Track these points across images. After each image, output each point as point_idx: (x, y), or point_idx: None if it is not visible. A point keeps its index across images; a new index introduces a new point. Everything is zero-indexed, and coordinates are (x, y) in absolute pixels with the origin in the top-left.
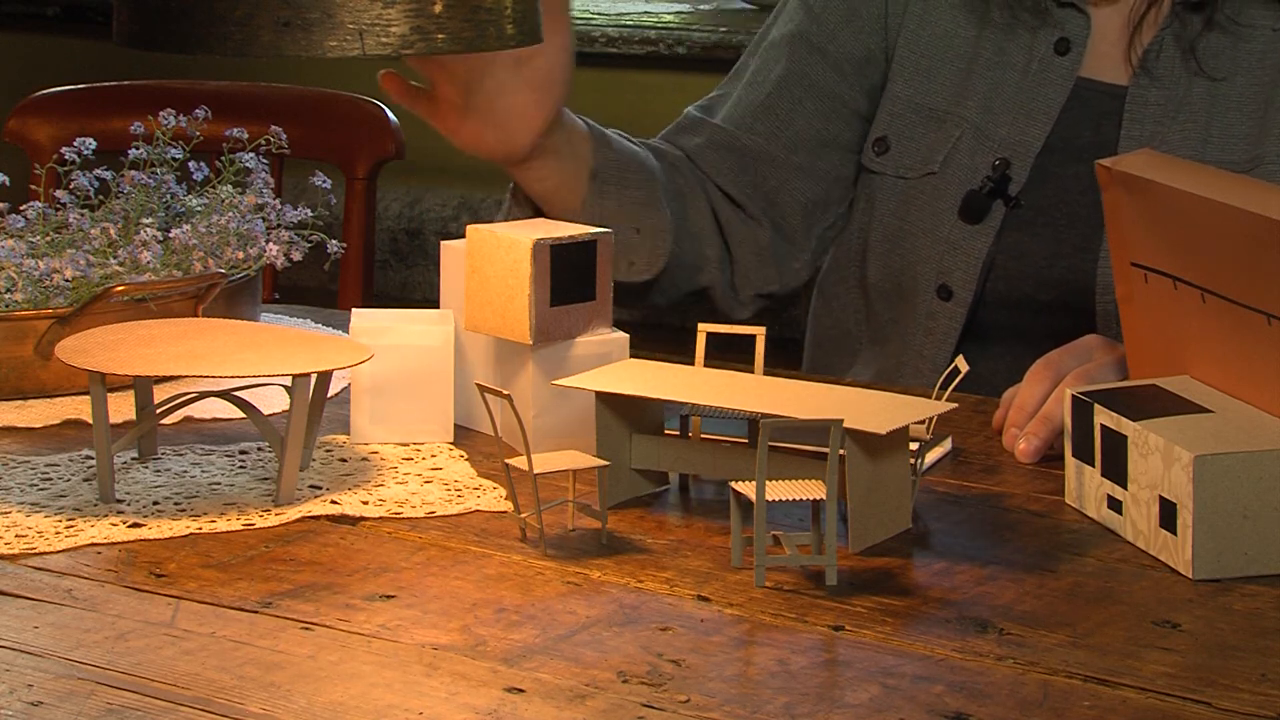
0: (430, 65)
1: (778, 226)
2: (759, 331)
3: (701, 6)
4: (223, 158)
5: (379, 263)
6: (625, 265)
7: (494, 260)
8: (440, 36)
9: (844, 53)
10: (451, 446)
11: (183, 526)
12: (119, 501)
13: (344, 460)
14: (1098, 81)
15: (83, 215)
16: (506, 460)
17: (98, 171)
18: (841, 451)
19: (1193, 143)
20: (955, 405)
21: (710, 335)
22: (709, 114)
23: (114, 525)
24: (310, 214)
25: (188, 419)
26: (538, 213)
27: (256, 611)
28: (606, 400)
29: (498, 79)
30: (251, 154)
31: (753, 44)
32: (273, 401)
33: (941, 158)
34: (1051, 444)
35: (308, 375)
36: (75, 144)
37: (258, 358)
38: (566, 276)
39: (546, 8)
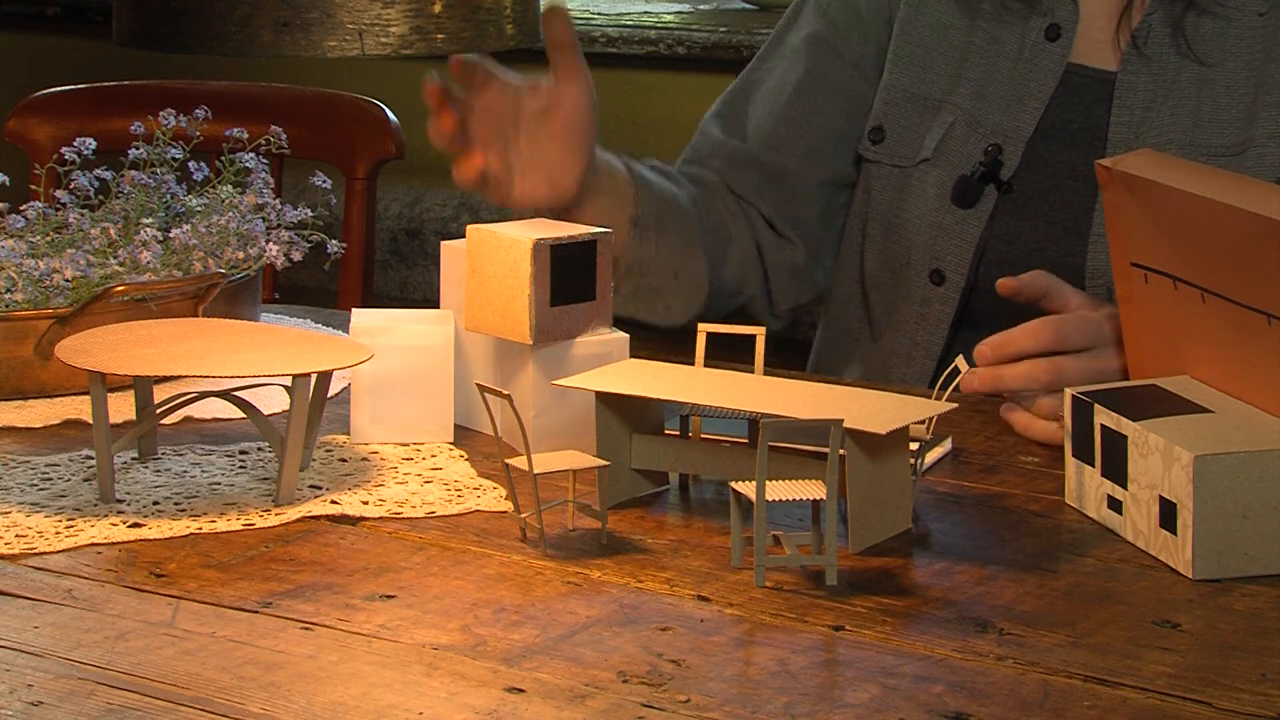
0: (469, 144)
1: (806, 241)
2: (759, 331)
3: (701, 6)
4: (223, 158)
5: (379, 263)
6: (662, 308)
7: (494, 260)
8: (439, 36)
9: (858, 52)
10: (451, 446)
11: (183, 526)
12: (119, 501)
13: (344, 460)
14: (1088, 67)
15: (83, 215)
16: (506, 460)
17: (98, 171)
18: (841, 451)
19: (1182, 126)
20: (955, 405)
21: (710, 335)
22: (729, 128)
23: (114, 525)
24: (310, 214)
25: (188, 419)
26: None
27: (256, 611)
28: (606, 400)
29: (529, 135)
30: (251, 154)
31: (764, 49)
32: (273, 401)
33: (935, 144)
34: (997, 393)
35: (308, 375)
36: (75, 144)
37: (258, 358)
38: (566, 276)
39: (559, 61)
